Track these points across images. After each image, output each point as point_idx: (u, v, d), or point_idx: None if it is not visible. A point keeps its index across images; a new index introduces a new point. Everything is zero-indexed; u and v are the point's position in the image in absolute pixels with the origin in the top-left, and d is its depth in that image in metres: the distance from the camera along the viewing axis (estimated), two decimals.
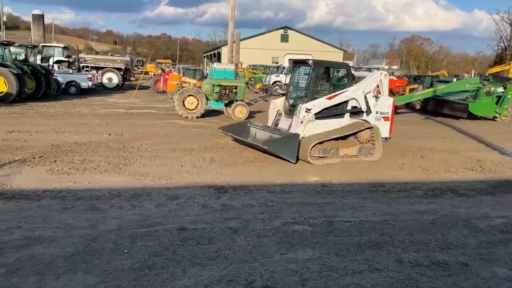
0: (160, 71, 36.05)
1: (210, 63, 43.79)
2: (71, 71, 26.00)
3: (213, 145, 10.11)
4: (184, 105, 15.03)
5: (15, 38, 58.65)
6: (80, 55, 32.79)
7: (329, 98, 8.79)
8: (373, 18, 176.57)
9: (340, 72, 9.40)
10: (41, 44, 32.09)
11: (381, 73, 9.71)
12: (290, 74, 10.08)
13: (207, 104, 15.53)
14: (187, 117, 14.86)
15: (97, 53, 55.42)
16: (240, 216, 5.43)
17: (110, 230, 4.73)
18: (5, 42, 19.05)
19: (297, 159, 8.37)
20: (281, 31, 59.68)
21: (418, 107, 22.17)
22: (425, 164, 9.07)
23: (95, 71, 28.02)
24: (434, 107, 20.17)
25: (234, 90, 15.68)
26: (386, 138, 9.68)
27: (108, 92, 26.14)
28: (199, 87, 16.02)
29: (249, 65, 42.96)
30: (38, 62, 24.69)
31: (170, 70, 31.41)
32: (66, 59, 29.22)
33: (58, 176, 6.79)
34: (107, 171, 7.24)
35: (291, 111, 9.20)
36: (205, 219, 5.26)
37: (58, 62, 28.13)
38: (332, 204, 6.11)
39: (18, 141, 9.35)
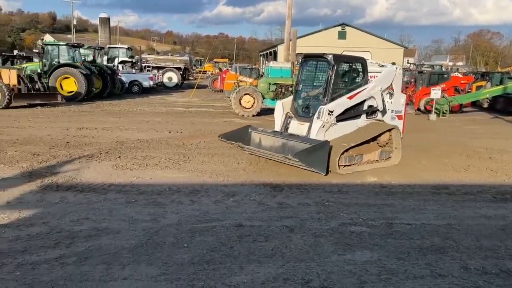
0: (217, 70, 36.78)
1: (266, 62, 44.00)
2: (134, 71, 27.26)
3: None
4: (240, 104, 15.24)
5: (84, 40, 62.35)
6: (142, 56, 34.22)
7: (350, 98, 7.76)
8: (437, 12, 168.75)
9: (357, 67, 8.25)
10: (107, 46, 33.94)
11: (396, 68, 8.73)
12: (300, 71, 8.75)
13: (263, 102, 15.61)
14: (243, 116, 15.04)
15: (158, 53, 57.56)
16: (296, 215, 5.41)
17: (171, 225, 4.90)
18: (76, 45, 20.33)
19: (327, 171, 7.25)
20: (339, 28, 58.58)
21: (485, 105, 20.91)
22: (494, 166, 8.52)
23: (156, 71, 29.15)
24: (504, 106, 18.92)
25: (290, 89, 15.59)
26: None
27: (168, 91, 27.08)
28: (256, 85, 16.18)
29: None
30: (105, 62, 26.11)
31: (227, 69, 31.97)
32: (130, 60, 30.67)
33: (122, 171, 7.13)
34: (168, 167, 7.50)
35: (305, 113, 8.08)
36: (261, 216, 5.30)
37: (122, 62, 29.58)
38: (392, 206, 5.92)
39: (87, 138, 9.94)
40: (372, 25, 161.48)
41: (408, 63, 46.73)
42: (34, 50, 35.38)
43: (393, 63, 10.22)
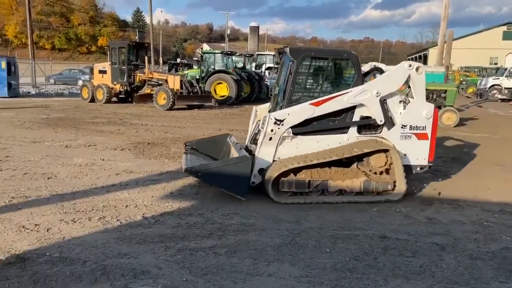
0: None
1: None
2: None
3: None
4: None
5: (235, 48, 67.17)
6: None
7: (316, 104, 5.91)
8: None
9: (341, 64, 6.30)
10: (256, 53, 35.98)
11: (410, 66, 6.23)
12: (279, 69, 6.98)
13: None
14: None
15: None
16: (448, 232, 4.97)
17: (313, 228, 4.95)
18: (229, 52, 22.06)
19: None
20: (504, 28, 52.12)
21: None
22: None
23: None
24: None
25: (442, 95, 14.48)
26: (422, 167, 6.29)
27: None
28: (402, 91, 15.38)
29: (461, 67, 38.92)
30: (253, 69, 27.74)
31: None
32: (276, 66, 31.98)
33: None
34: None
35: None
36: (408, 230, 5.00)
37: (269, 68, 31.05)
38: None
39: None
40: None
41: None
42: (194, 58, 39.44)
43: None
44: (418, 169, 6.29)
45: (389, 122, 6.14)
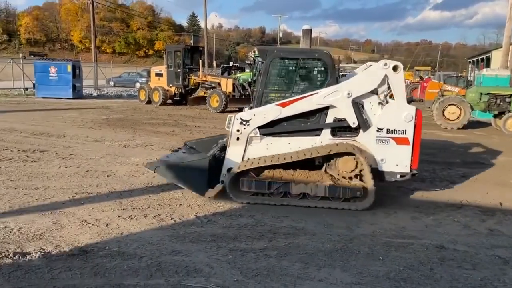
0: (418, 79, 34.80)
1: (476, 69, 39.40)
2: None
3: (476, 160, 9.08)
4: (443, 115, 14.08)
5: None
6: (340, 65, 34.88)
7: (283, 105, 5.76)
8: None
9: (313, 65, 5.97)
10: None
11: (386, 65, 5.71)
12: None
13: (471, 114, 14.07)
14: (446, 128, 13.83)
15: (355, 62, 57.82)
16: (511, 245, 4.68)
17: (365, 235, 4.84)
18: None
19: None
20: None
21: None
22: None
23: None
24: None
25: (507, 100, 13.67)
26: (402, 175, 5.80)
27: None
28: (463, 95, 14.76)
29: None
30: None
31: (429, 77, 29.93)
32: None
33: None
34: None
35: None
36: (467, 241, 4.76)
37: None
38: None
39: None
40: None
41: None
42: (246, 62, 39.87)
43: None
44: (398, 176, 5.82)
45: (364, 125, 5.76)
